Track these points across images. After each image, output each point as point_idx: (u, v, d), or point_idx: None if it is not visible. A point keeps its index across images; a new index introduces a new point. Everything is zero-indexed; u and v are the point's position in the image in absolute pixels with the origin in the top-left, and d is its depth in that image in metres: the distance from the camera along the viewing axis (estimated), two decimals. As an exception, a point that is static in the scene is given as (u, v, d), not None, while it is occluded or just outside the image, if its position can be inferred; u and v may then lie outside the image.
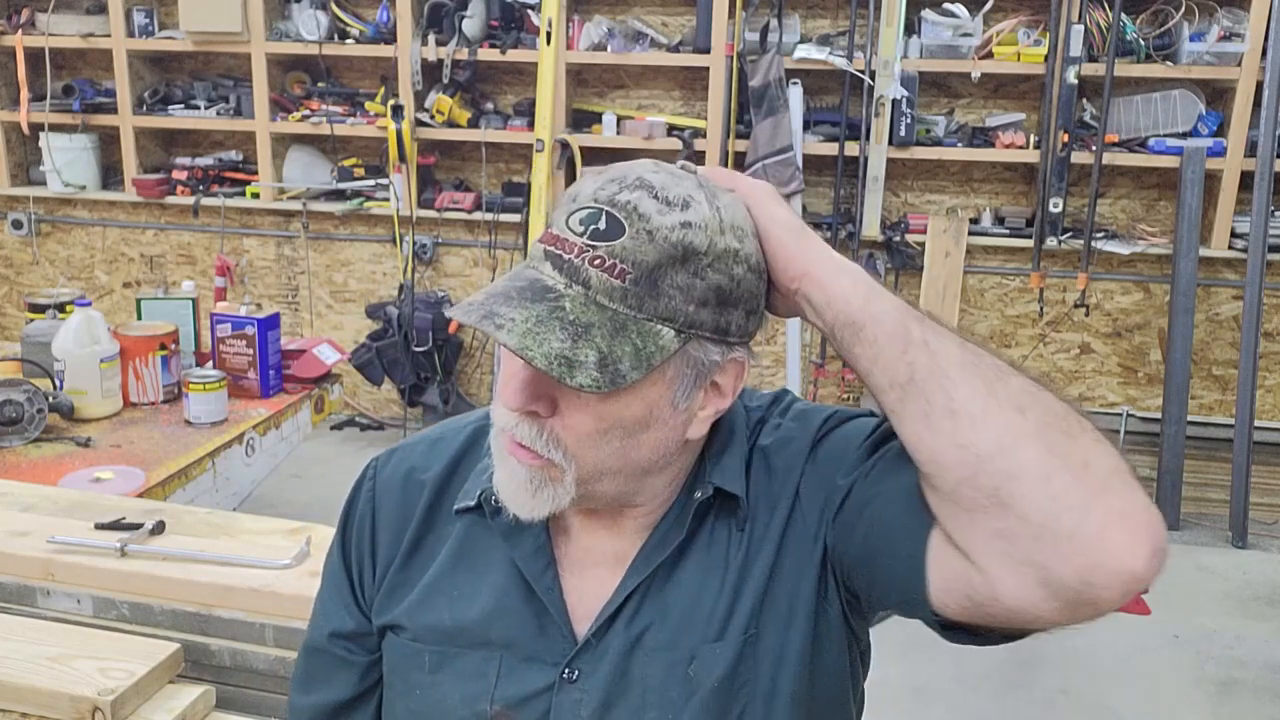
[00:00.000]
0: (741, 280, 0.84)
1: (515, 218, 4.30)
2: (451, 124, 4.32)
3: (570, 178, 4.23)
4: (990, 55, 3.96)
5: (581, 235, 0.82)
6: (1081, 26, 3.80)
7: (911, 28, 4.02)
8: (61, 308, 2.93)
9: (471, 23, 4.20)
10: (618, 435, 0.85)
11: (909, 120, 3.97)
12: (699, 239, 0.82)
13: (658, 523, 0.94)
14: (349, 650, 1.03)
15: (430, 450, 1.03)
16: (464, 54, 4.20)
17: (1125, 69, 3.85)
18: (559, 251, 0.82)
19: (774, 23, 4.01)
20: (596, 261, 0.81)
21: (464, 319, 0.82)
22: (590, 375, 0.79)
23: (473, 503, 0.96)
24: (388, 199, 4.35)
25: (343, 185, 4.47)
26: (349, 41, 4.36)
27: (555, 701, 0.92)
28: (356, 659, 1.03)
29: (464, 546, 0.98)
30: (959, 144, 4.06)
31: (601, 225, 0.81)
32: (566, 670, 0.92)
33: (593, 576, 0.95)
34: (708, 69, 4.10)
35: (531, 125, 4.20)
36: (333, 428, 4.55)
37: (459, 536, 0.98)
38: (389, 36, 4.28)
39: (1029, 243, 4.03)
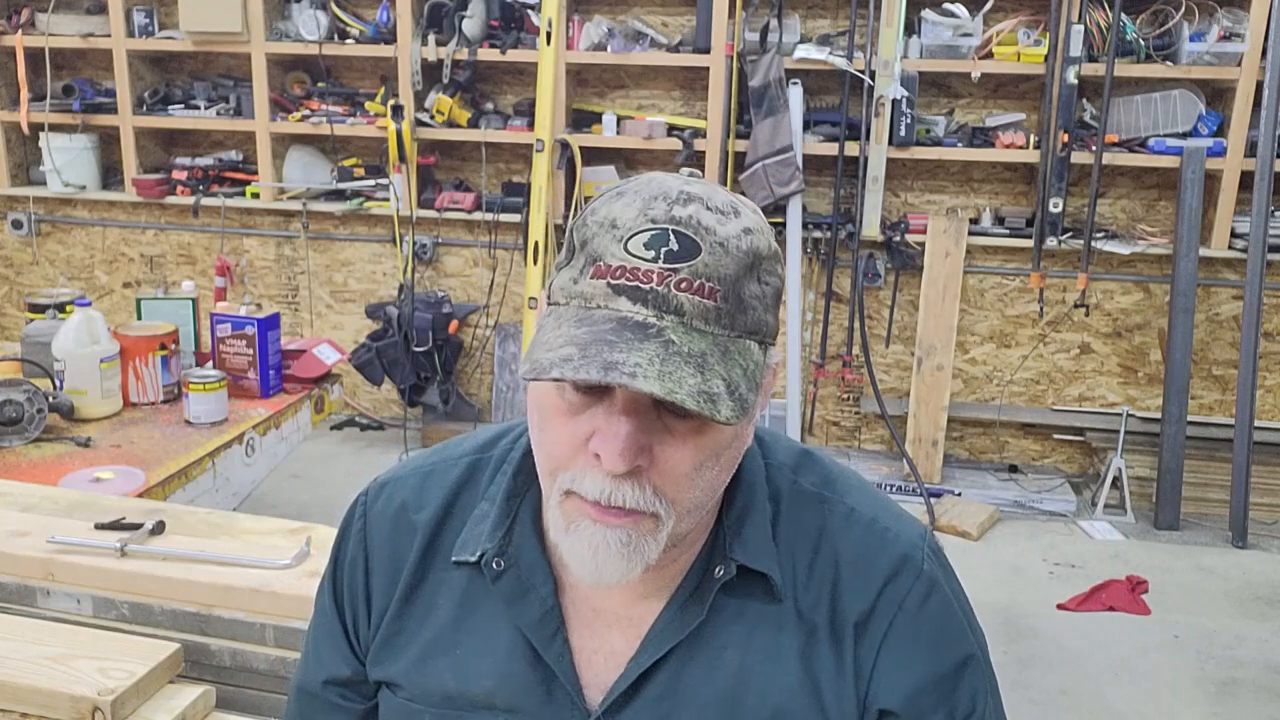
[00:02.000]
0: (784, 279, 0.82)
1: (515, 218, 4.30)
2: (451, 124, 4.32)
3: (570, 178, 4.23)
4: (990, 55, 3.96)
5: (655, 261, 0.74)
6: (1081, 26, 3.80)
7: (911, 28, 4.02)
8: (61, 308, 2.93)
9: (471, 23, 4.20)
10: (710, 466, 0.79)
11: (909, 120, 3.97)
12: (761, 244, 0.78)
13: (676, 587, 0.87)
14: (344, 697, 0.98)
15: (422, 486, 0.95)
16: (464, 54, 4.21)
17: (1125, 69, 3.85)
18: (635, 283, 0.74)
19: (774, 23, 4.01)
20: (683, 285, 0.73)
21: (579, 376, 0.70)
22: (728, 406, 0.73)
23: (472, 559, 0.89)
24: (388, 199, 4.35)
25: (343, 185, 4.47)
26: (349, 41, 4.36)
27: None
28: (352, 706, 0.99)
29: (466, 603, 0.91)
30: (959, 144, 4.06)
31: (674, 245, 0.74)
32: None
33: (604, 640, 0.89)
34: (708, 69, 4.10)
35: (531, 125, 4.20)
36: (333, 428, 4.55)
37: (460, 590, 0.91)
38: (389, 36, 4.28)
39: (1029, 243, 4.03)
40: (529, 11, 4.21)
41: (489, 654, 0.89)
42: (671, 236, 0.74)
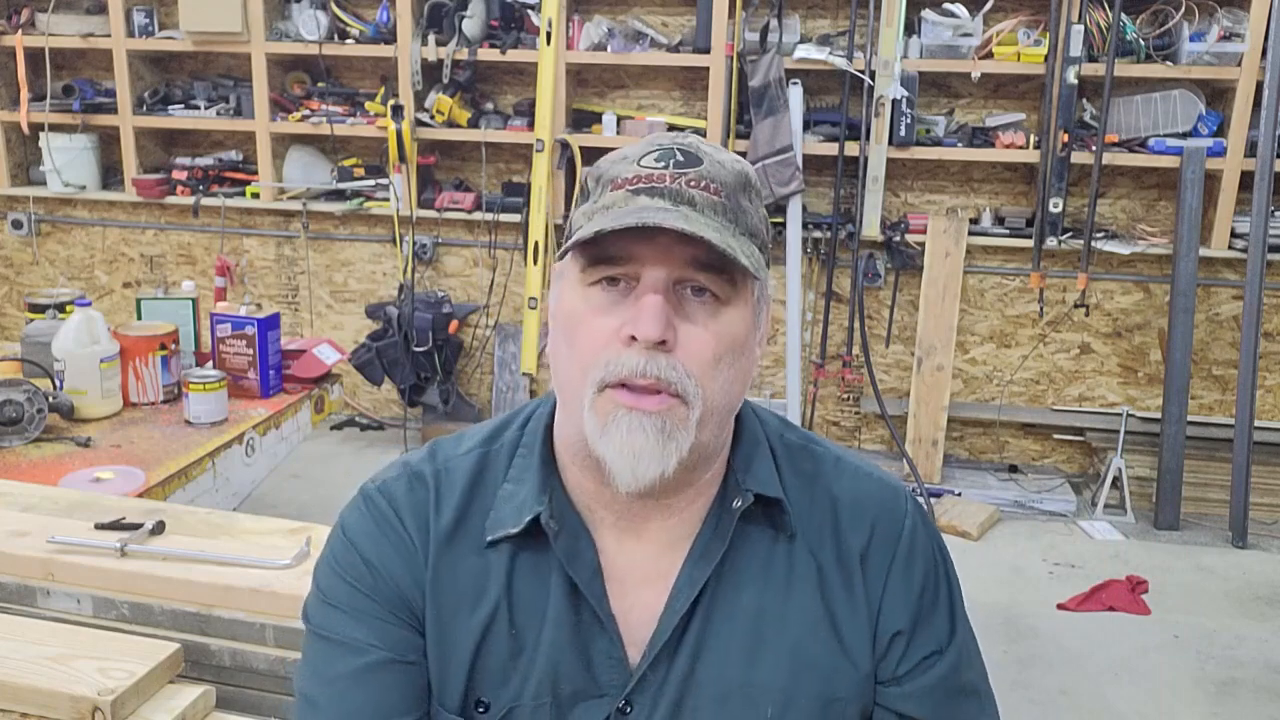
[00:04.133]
0: (767, 224, 0.91)
1: (515, 218, 4.30)
2: (451, 124, 4.32)
3: (570, 178, 4.23)
4: (990, 55, 3.96)
5: (666, 168, 0.86)
6: (1081, 26, 3.80)
7: (911, 28, 4.02)
8: (61, 308, 2.93)
9: (471, 23, 4.20)
10: (728, 360, 0.87)
11: (909, 120, 3.97)
12: (751, 172, 0.90)
13: (696, 535, 0.93)
14: (396, 676, 0.93)
15: (439, 478, 0.96)
16: (464, 54, 4.21)
17: (1125, 69, 3.85)
18: (652, 184, 0.85)
19: (774, 23, 4.01)
20: (691, 183, 0.85)
21: (618, 223, 0.81)
22: (747, 259, 0.83)
23: (514, 530, 0.91)
24: (388, 199, 4.35)
25: (343, 185, 4.47)
26: (349, 41, 4.36)
27: None
28: (407, 682, 0.94)
29: (512, 583, 0.92)
30: (959, 144, 4.06)
31: (680, 158, 0.86)
32: (624, 704, 0.91)
33: (636, 598, 0.92)
34: (708, 69, 4.10)
35: (531, 125, 4.20)
36: (333, 428, 4.55)
37: (504, 568, 0.92)
38: (389, 36, 4.28)
39: (1029, 243, 4.03)
40: (529, 11, 4.21)
41: (544, 623, 0.91)
42: (677, 152, 0.87)
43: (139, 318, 2.98)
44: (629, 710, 0.91)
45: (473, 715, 0.93)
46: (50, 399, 2.50)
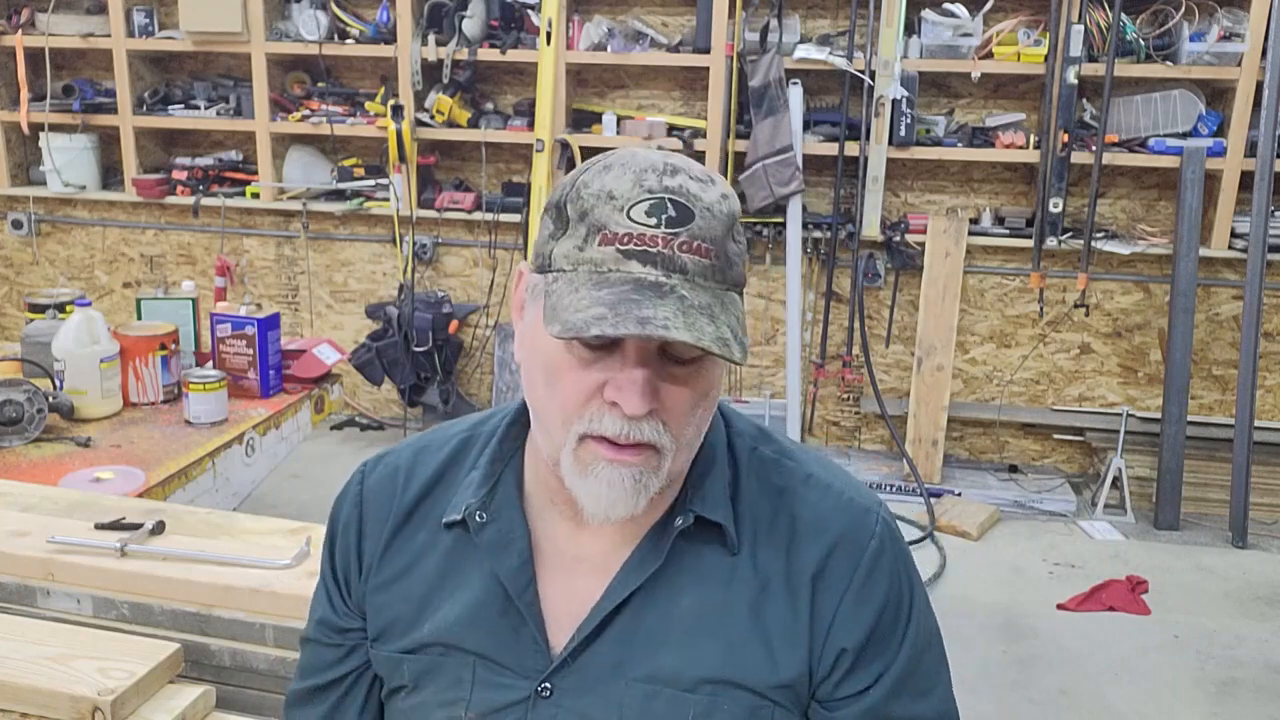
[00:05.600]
0: (745, 255, 0.91)
1: (515, 218, 4.30)
2: (451, 124, 4.32)
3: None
4: (990, 55, 3.96)
5: (658, 226, 0.83)
6: (1081, 26, 3.80)
7: (911, 28, 4.02)
8: (61, 308, 2.93)
9: (471, 23, 4.21)
10: (702, 405, 0.89)
11: (909, 120, 3.97)
12: (735, 207, 0.87)
13: (641, 537, 0.95)
14: (329, 638, 1.07)
15: (416, 457, 1.05)
16: (464, 54, 4.21)
17: (1125, 69, 3.85)
18: (644, 247, 0.82)
19: (774, 23, 4.01)
20: (684, 247, 0.83)
21: (619, 331, 0.79)
22: (738, 348, 0.83)
23: (459, 517, 0.98)
24: (388, 199, 4.35)
25: (343, 185, 4.47)
26: (349, 41, 4.36)
27: (530, 717, 0.94)
28: (336, 647, 1.07)
29: (449, 559, 0.99)
30: (959, 144, 4.06)
31: (672, 212, 0.83)
32: (541, 686, 0.94)
33: (575, 587, 0.96)
34: (708, 69, 4.10)
35: (531, 125, 4.20)
36: (333, 428, 4.55)
37: (445, 551, 1.00)
38: (389, 36, 4.28)
39: (1029, 243, 4.03)
40: (529, 11, 4.21)
41: (464, 603, 0.97)
42: (669, 204, 0.83)
43: (139, 318, 2.98)
44: (548, 694, 0.94)
45: (400, 661, 1.01)
46: (50, 399, 2.50)
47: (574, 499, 0.90)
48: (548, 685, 0.94)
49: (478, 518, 0.96)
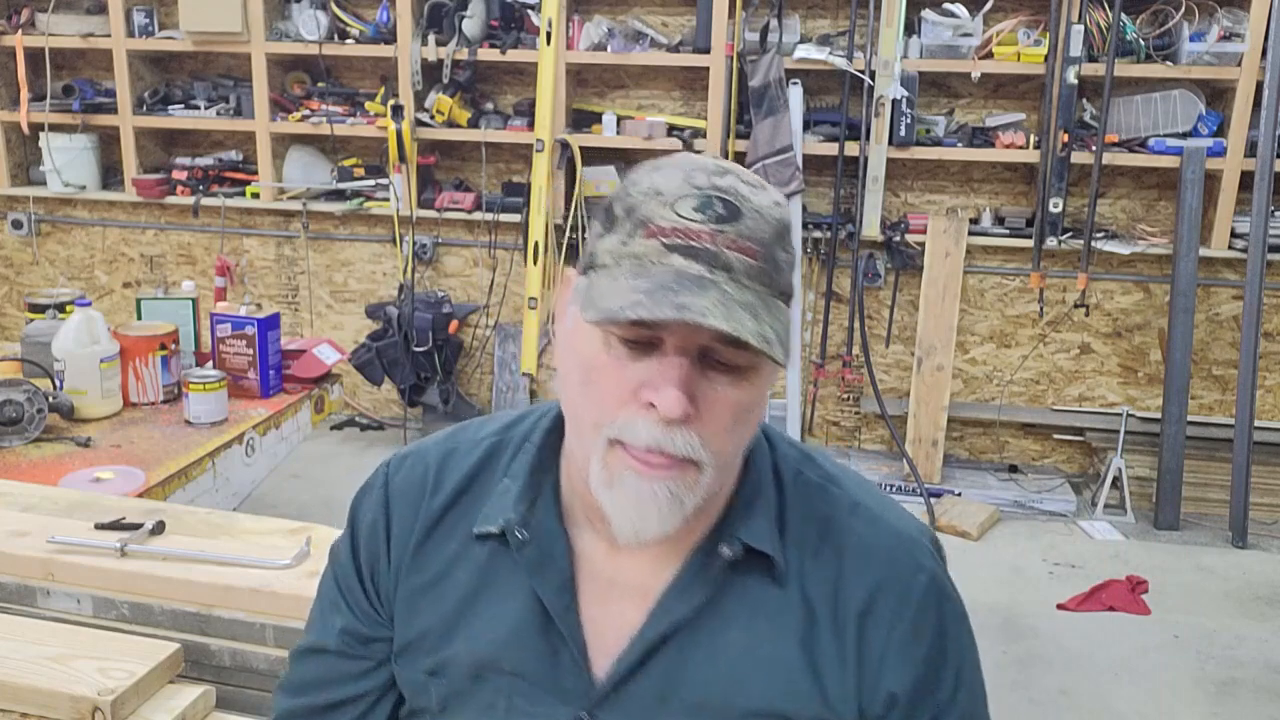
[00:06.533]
0: (795, 265, 0.87)
1: (515, 218, 4.30)
2: (451, 124, 4.32)
3: (570, 178, 4.23)
4: (990, 55, 3.96)
5: (704, 222, 0.79)
6: (1081, 26, 3.80)
7: (911, 28, 4.02)
8: (61, 308, 2.92)
9: (471, 23, 4.20)
10: (743, 421, 0.84)
11: (909, 120, 3.97)
12: (786, 215, 0.84)
13: (685, 562, 0.91)
14: (353, 649, 1.01)
15: (444, 461, 1.00)
16: (464, 54, 4.20)
17: (1125, 69, 3.85)
18: (688, 241, 0.79)
19: (774, 23, 4.01)
20: (730, 244, 0.79)
21: (654, 315, 0.75)
22: (779, 350, 0.78)
23: (495, 529, 0.93)
24: (388, 199, 4.35)
25: (343, 185, 4.47)
26: (349, 41, 4.36)
27: None
28: (362, 660, 1.01)
29: (485, 575, 0.94)
30: (959, 144, 4.06)
31: (720, 210, 0.80)
32: (580, 715, 0.90)
33: (617, 612, 0.91)
34: (708, 69, 4.10)
35: (531, 125, 4.20)
36: (333, 428, 4.55)
37: (481, 563, 0.94)
38: (389, 36, 4.28)
39: (1029, 243, 4.03)
40: (529, 11, 4.21)
41: (502, 621, 0.92)
42: (716, 201, 0.80)
43: (139, 318, 2.98)
44: None
45: (426, 682, 0.96)
46: (50, 399, 2.50)
47: (605, 518, 0.86)
48: (588, 714, 0.90)
49: (518, 534, 0.91)
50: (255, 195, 4.52)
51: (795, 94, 3.99)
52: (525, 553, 0.91)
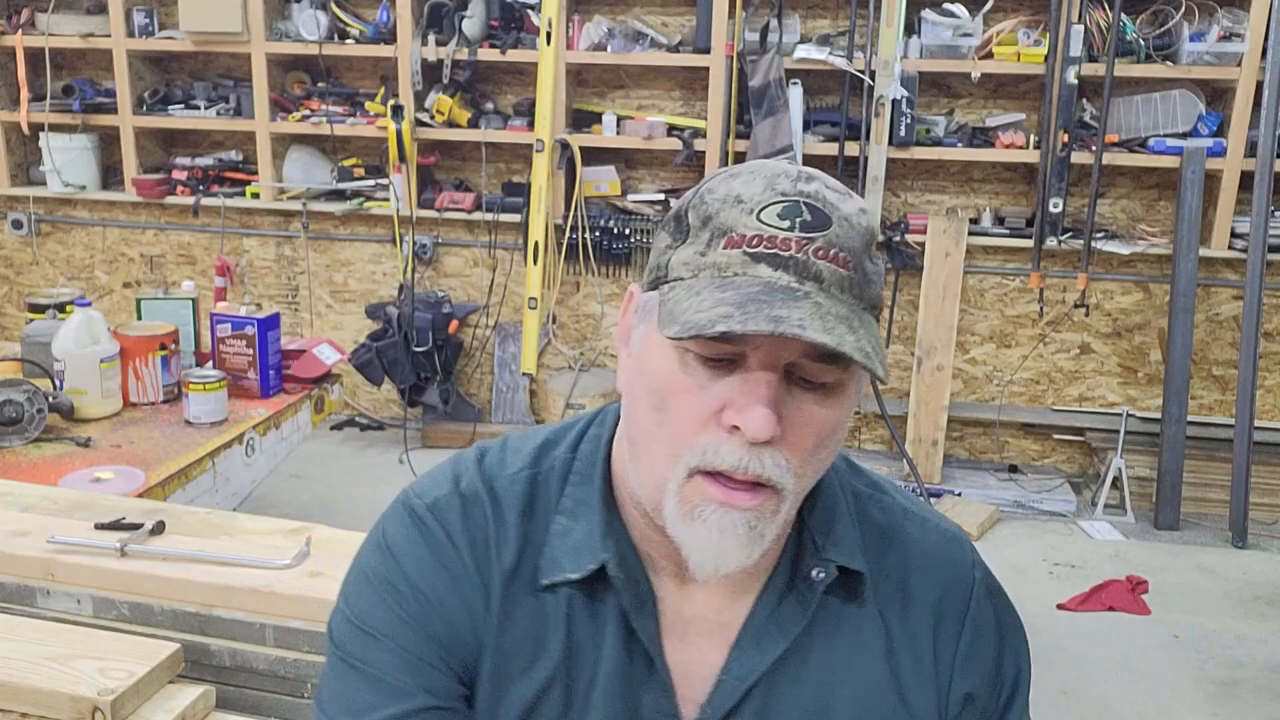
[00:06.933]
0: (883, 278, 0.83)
1: (515, 218, 4.30)
2: (451, 124, 4.32)
3: (570, 178, 4.23)
4: (990, 55, 3.96)
5: (792, 230, 0.74)
6: (1081, 26, 3.80)
7: (911, 28, 4.02)
8: (61, 308, 2.92)
9: (471, 23, 4.20)
10: (827, 443, 0.79)
11: (909, 120, 3.97)
12: (874, 224, 0.79)
13: (762, 588, 0.87)
14: None
15: (494, 509, 0.88)
16: (464, 54, 4.20)
17: (1125, 69, 3.85)
18: (775, 250, 0.73)
19: (774, 23, 4.01)
20: (820, 253, 0.74)
21: (748, 329, 0.69)
22: (880, 365, 0.73)
23: (575, 575, 0.84)
24: (388, 199, 4.35)
25: (343, 185, 4.47)
26: (349, 41, 4.36)
27: None
28: None
29: (571, 628, 0.85)
30: (959, 144, 4.06)
31: (807, 216, 0.75)
32: None
33: (695, 650, 0.87)
34: (708, 69, 4.10)
35: (531, 125, 4.20)
36: (333, 428, 4.55)
37: (562, 616, 0.85)
38: (389, 36, 4.28)
39: (1029, 243, 4.03)
40: (529, 11, 4.21)
41: (597, 677, 0.85)
42: (803, 208, 0.75)
43: (139, 318, 2.98)
44: None
45: None
46: (50, 399, 2.50)
47: (675, 552, 0.80)
48: None
49: (619, 575, 0.84)
50: (255, 195, 4.52)
51: (795, 94, 3.99)
52: (626, 594, 0.84)
